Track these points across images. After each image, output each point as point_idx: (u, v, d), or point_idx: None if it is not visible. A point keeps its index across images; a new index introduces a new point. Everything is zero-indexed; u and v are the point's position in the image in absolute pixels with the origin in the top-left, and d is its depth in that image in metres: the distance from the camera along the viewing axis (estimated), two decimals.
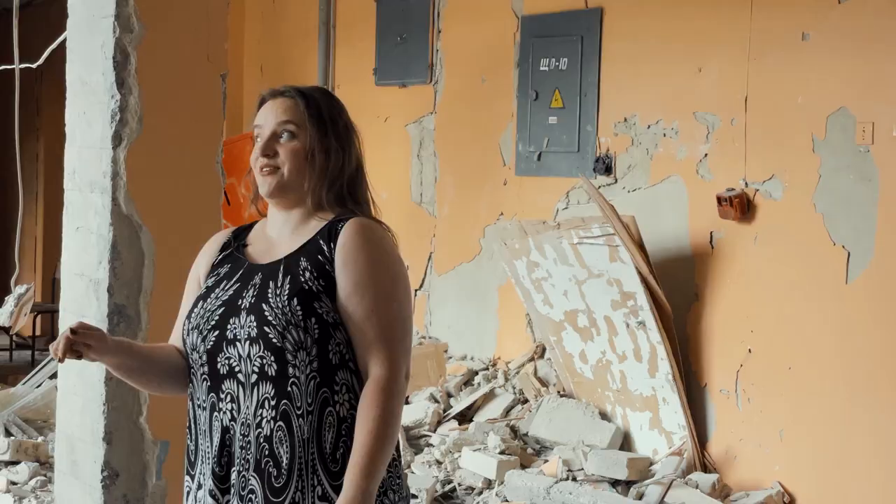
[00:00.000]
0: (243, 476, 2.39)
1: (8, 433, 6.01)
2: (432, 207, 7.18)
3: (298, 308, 2.36)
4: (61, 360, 2.41)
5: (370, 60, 7.57)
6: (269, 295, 2.40)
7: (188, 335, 2.48)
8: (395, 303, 2.41)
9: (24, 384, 6.56)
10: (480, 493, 5.51)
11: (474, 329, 6.89)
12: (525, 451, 5.77)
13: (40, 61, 5.34)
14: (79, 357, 2.40)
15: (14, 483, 5.41)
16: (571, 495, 5.12)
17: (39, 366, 6.67)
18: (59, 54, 5.09)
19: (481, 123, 6.88)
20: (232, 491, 2.41)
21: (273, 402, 2.37)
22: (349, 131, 2.54)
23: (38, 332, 9.43)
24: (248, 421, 2.39)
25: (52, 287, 9.50)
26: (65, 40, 4.01)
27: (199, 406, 2.48)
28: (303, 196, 2.50)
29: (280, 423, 2.37)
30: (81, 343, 2.38)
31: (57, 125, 8.15)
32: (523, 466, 5.60)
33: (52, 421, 6.24)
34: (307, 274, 2.40)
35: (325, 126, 2.50)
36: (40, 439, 5.87)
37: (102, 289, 3.68)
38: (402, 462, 2.49)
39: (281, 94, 2.52)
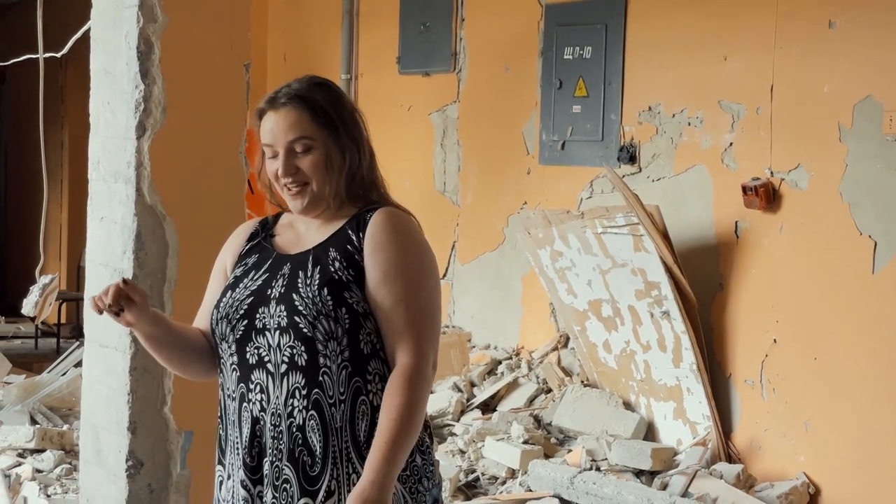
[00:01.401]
0: (276, 466, 2.40)
1: (33, 421, 6.04)
2: (455, 196, 7.17)
3: (329, 298, 2.37)
4: (100, 311, 2.38)
5: (393, 49, 7.56)
6: (300, 285, 2.40)
7: (217, 325, 2.48)
8: (424, 292, 2.41)
9: (49, 372, 6.59)
10: (504, 482, 5.50)
11: (498, 318, 6.88)
12: (548, 440, 5.77)
13: (64, 50, 5.36)
14: (118, 314, 2.38)
15: (40, 471, 5.44)
16: (595, 485, 5.10)
17: (64, 354, 6.70)
18: (84, 43, 5.11)
19: (505, 112, 6.86)
20: (265, 481, 2.41)
21: (304, 392, 2.37)
22: (355, 119, 2.51)
23: (63, 320, 9.48)
24: (279, 411, 2.39)
25: (77, 275, 9.55)
26: (89, 29, 4.01)
27: (228, 396, 2.48)
28: (330, 200, 2.49)
29: (312, 411, 2.37)
30: (126, 298, 2.37)
31: (82, 114, 8.19)
32: (547, 456, 5.59)
33: (78, 409, 6.27)
34: (336, 264, 2.41)
35: (334, 127, 2.46)
36: (65, 427, 5.90)
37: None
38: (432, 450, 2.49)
39: (282, 105, 2.46)
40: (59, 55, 5.44)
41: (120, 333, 3.69)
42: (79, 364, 6.41)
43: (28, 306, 5.08)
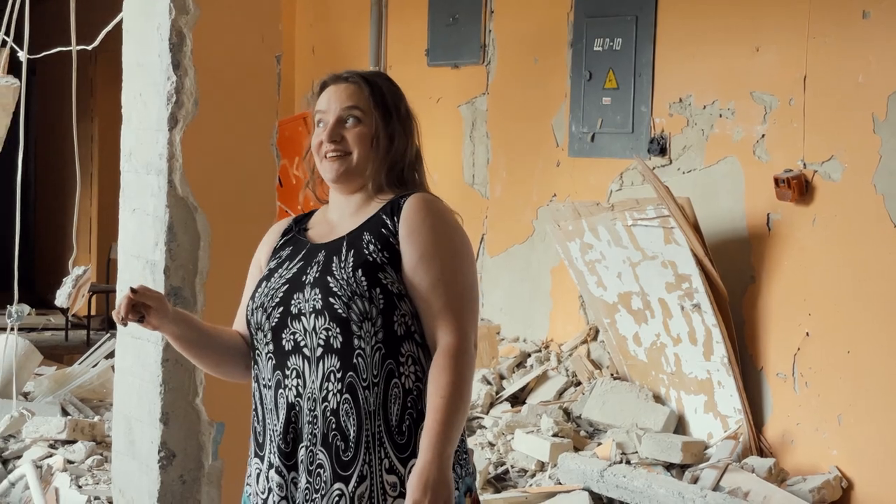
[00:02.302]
0: (311, 451, 2.41)
1: (65, 412, 6.07)
2: (484, 189, 7.16)
3: (363, 279, 2.38)
4: (124, 323, 2.42)
5: (422, 41, 7.54)
6: (334, 268, 2.41)
7: (252, 314, 2.50)
8: (461, 273, 2.42)
9: (80, 364, 6.62)
10: (533, 475, 5.49)
11: (527, 311, 6.86)
12: (578, 433, 5.75)
13: (95, 43, 5.37)
14: (141, 320, 2.41)
15: (71, 462, 5.47)
16: (625, 478, 5.08)
17: (95, 346, 6.73)
18: (114, 36, 5.11)
19: (534, 104, 6.84)
20: (300, 467, 2.42)
21: (339, 375, 2.38)
22: (410, 118, 2.56)
23: (93, 312, 9.53)
24: (315, 395, 2.40)
25: (107, 267, 9.60)
26: (120, 22, 4.02)
27: (264, 386, 2.49)
28: (365, 181, 2.51)
29: (346, 395, 2.38)
30: (142, 304, 2.39)
31: (111, 107, 8.16)
32: (576, 449, 5.57)
33: (108, 400, 6.31)
34: (371, 247, 2.42)
35: (389, 111, 2.51)
36: (96, 419, 5.93)
37: (159, 270, 3.70)
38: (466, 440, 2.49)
39: (344, 80, 2.53)
40: (90, 48, 5.45)
41: None
42: (109, 356, 6.44)
43: (61, 298, 5.10)
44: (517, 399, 6.25)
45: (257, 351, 2.51)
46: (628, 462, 5.28)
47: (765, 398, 5.53)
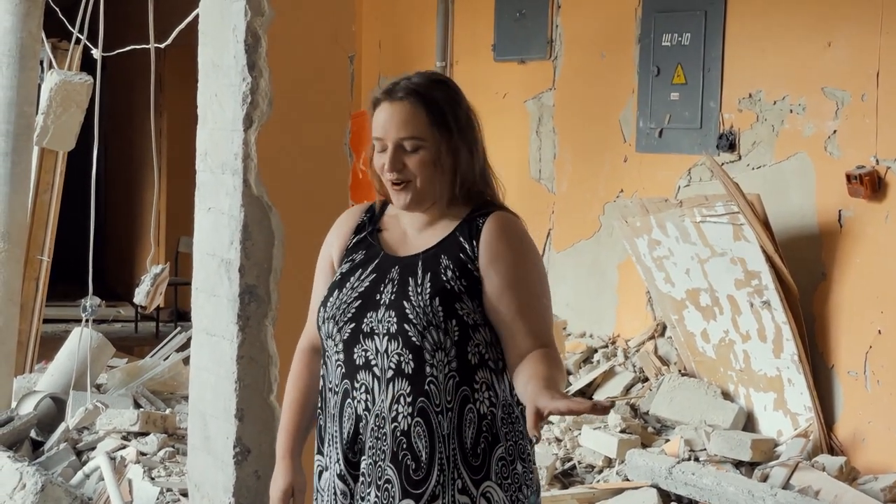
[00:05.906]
0: (379, 466, 2.40)
1: (137, 405, 6.16)
2: (551, 184, 7.15)
3: (440, 308, 2.36)
4: None
5: (489, 36, 7.54)
6: (410, 292, 2.38)
7: (323, 323, 2.48)
8: (544, 298, 2.43)
9: (151, 357, 6.72)
10: (601, 471, 5.49)
11: (593, 306, 6.85)
12: (645, 430, 5.74)
13: (168, 41, 5.43)
14: None
15: (143, 454, 5.55)
16: (694, 476, 5.06)
17: (167, 339, 6.82)
18: (183, 33, 5.16)
19: (601, 100, 6.81)
20: (368, 480, 2.41)
21: (409, 399, 2.37)
22: (470, 121, 2.48)
23: (161, 305, 9.64)
24: (384, 414, 2.39)
25: (175, 260, 9.71)
26: (191, 21, 4.07)
27: (330, 390, 2.48)
28: (435, 200, 2.47)
29: (418, 418, 2.37)
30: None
31: (180, 103, 8.23)
32: (644, 445, 5.56)
33: (179, 393, 6.39)
34: (449, 273, 2.39)
35: (449, 128, 2.43)
36: (168, 411, 6.01)
37: (234, 269, 3.74)
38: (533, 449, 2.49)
39: (399, 99, 2.42)
40: (162, 46, 5.52)
41: (227, 322, 3.75)
42: (180, 349, 6.53)
43: (140, 296, 5.19)
44: (584, 394, 6.24)
45: (327, 355, 2.49)
46: (697, 459, 5.26)
47: (836, 396, 5.48)
